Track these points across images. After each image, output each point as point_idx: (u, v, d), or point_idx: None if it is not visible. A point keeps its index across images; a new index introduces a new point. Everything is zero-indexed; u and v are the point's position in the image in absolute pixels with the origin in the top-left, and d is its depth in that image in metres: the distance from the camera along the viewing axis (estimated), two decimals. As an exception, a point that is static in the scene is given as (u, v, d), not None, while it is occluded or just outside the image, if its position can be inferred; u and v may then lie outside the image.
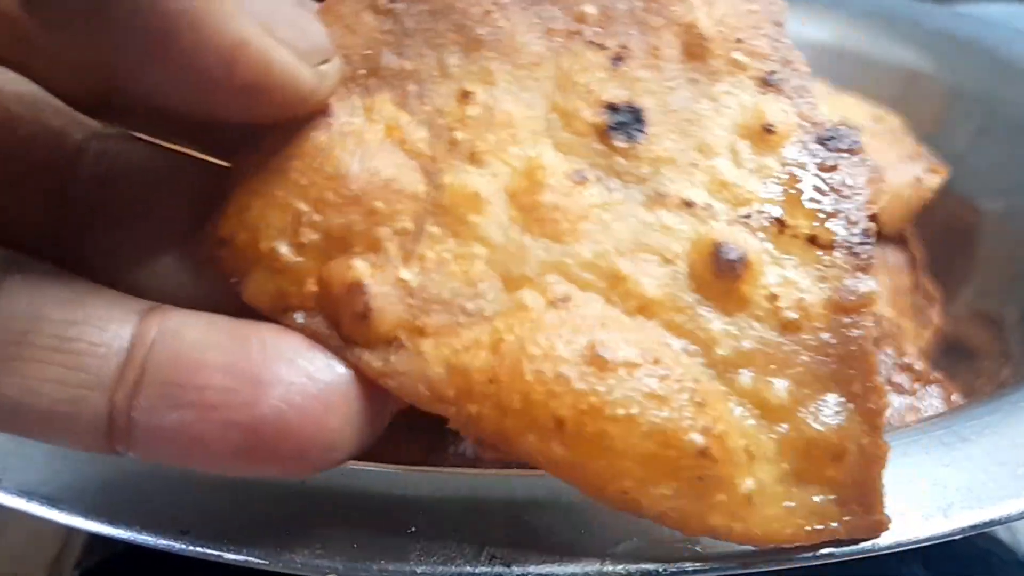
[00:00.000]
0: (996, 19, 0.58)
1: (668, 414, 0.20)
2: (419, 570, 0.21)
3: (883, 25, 0.60)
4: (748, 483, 0.20)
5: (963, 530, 0.23)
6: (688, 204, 0.22)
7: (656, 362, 0.20)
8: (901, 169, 0.46)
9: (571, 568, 0.21)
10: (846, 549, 0.21)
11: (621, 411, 0.20)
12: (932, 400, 0.35)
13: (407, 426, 0.32)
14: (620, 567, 0.21)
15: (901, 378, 0.35)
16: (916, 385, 0.35)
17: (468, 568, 0.21)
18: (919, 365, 0.35)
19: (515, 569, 0.21)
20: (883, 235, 0.47)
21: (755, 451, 0.21)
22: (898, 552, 0.22)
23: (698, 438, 0.20)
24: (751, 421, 0.21)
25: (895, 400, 0.35)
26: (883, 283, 0.46)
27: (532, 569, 0.21)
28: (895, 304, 0.45)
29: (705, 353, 0.21)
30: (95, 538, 0.35)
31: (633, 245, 0.21)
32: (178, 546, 0.22)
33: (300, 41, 0.19)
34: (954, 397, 0.35)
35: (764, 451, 0.21)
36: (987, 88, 0.52)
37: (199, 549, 0.22)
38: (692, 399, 0.20)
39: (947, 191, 0.46)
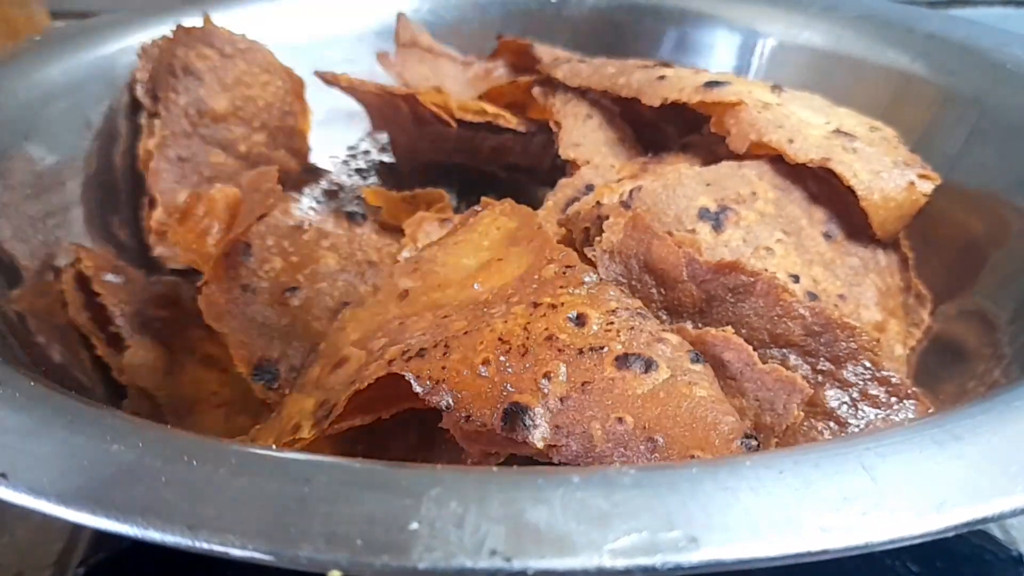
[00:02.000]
0: (988, 22, 0.58)
1: None
2: (421, 566, 0.21)
3: (877, 29, 0.60)
4: None
5: (956, 527, 0.23)
6: None
7: None
8: (895, 175, 0.46)
9: (571, 563, 0.21)
10: (844, 546, 0.22)
11: None
12: (907, 414, 0.34)
13: (396, 423, 0.32)
14: (620, 562, 0.21)
15: (877, 390, 0.35)
16: (892, 399, 0.35)
17: (469, 563, 0.21)
18: (896, 379, 0.35)
19: (515, 564, 0.21)
20: (876, 238, 0.47)
21: None
22: (892, 549, 0.22)
23: None
24: None
25: (870, 412, 0.35)
26: (873, 284, 0.46)
27: (532, 564, 0.21)
28: (885, 305, 0.45)
29: None
30: (100, 535, 0.36)
31: None
32: (185, 542, 0.22)
33: None
34: (930, 411, 0.34)
35: None
36: (980, 91, 0.52)
37: (205, 545, 0.22)
38: None
39: (940, 193, 0.46)
